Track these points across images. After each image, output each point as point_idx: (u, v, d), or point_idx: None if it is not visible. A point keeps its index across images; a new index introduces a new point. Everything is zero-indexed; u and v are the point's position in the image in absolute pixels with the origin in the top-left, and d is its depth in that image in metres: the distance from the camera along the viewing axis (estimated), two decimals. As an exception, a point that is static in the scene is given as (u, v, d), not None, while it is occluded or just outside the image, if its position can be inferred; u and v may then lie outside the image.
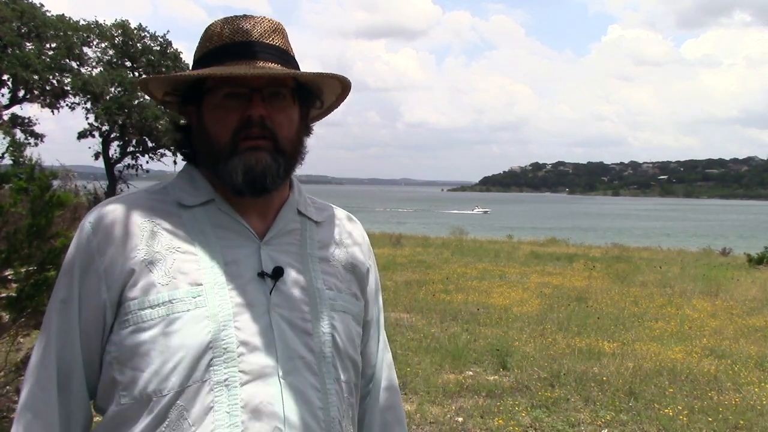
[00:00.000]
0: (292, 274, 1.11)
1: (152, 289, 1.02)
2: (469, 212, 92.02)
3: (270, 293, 1.07)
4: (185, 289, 1.03)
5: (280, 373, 1.03)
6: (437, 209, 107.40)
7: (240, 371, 1.01)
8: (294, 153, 1.13)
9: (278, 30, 1.13)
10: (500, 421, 4.78)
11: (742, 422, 4.90)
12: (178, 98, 1.14)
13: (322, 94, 1.18)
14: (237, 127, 1.06)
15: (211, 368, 1.00)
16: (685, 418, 4.93)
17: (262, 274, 1.07)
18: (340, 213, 1.28)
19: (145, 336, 1.00)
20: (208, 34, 1.12)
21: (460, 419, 4.84)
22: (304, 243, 1.16)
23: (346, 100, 1.22)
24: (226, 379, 1.00)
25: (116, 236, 1.05)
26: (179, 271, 1.04)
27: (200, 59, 1.13)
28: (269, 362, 1.03)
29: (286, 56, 1.13)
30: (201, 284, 1.03)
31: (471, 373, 6.11)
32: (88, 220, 1.08)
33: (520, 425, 4.76)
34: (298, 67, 1.14)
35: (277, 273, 1.08)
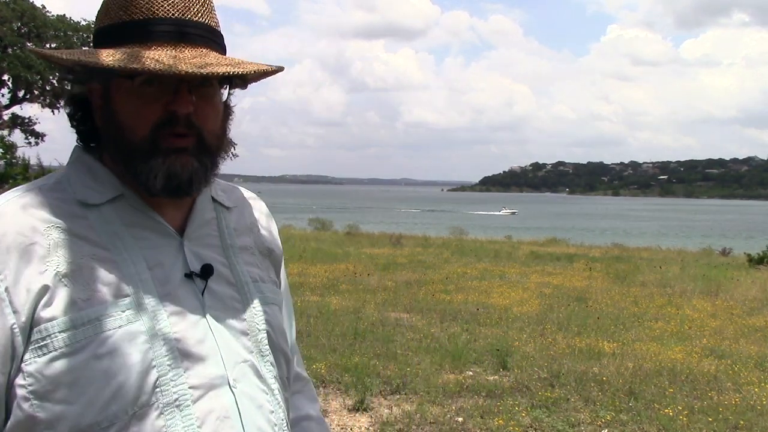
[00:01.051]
0: (219, 270, 1.00)
1: (72, 307, 0.87)
2: (497, 213, 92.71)
3: (202, 294, 0.96)
4: (111, 303, 0.89)
5: (231, 381, 0.94)
6: (464, 210, 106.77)
7: (190, 387, 0.90)
8: (219, 147, 1.00)
9: (208, 2, 0.98)
10: (500, 421, 4.77)
11: (742, 422, 4.89)
12: (83, 71, 0.97)
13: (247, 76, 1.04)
14: (158, 123, 0.92)
15: (158, 389, 0.88)
16: (685, 418, 4.92)
17: (190, 275, 0.96)
18: (245, 194, 1.17)
19: (71, 362, 0.85)
20: (123, 2, 0.94)
21: (460, 419, 4.83)
22: (222, 233, 1.05)
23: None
24: (176, 399, 0.89)
25: (14, 248, 0.87)
26: (100, 282, 0.89)
27: (112, 31, 0.94)
28: (218, 372, 0.93)
29: (218, 38, 0.98)
30: (128, 295, 0.90)
31: (471, 373, 6.10)
32: None
33: (520, 425, 4.75)
34: (224, 46, 1.01)
35: (207, 271, 0.98)
